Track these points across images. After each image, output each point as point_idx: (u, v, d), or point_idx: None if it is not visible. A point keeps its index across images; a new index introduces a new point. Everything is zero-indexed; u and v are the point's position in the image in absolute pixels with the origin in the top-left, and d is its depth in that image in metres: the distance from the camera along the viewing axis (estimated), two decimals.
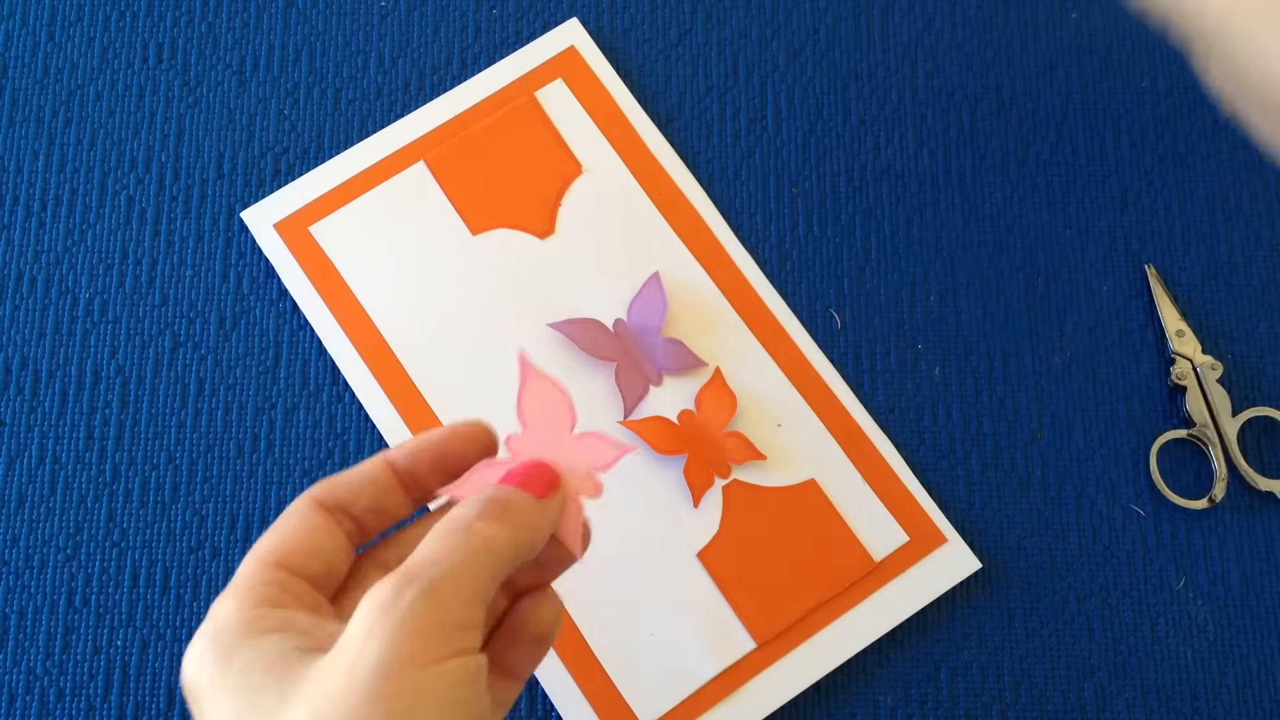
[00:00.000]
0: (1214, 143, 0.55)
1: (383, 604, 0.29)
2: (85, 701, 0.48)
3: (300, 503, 0.34)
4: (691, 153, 0.54)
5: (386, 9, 0.56)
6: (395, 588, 0.29)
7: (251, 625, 0.31)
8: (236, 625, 0.31)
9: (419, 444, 0.35)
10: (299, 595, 0.32)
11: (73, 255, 0.53)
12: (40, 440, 0.50)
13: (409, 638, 0.28)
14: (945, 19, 0.56)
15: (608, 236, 0.52)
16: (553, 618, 0.35)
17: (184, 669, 0.31)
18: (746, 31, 0.56)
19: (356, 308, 0.51)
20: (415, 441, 0.35)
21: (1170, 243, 0.53)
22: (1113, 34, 0.56)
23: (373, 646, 0.28)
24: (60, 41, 0.55)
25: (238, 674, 0.30)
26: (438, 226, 0.52)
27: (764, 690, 0.47)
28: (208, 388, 0.51)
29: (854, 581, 0.48)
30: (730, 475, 0.49)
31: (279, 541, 0.33)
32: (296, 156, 0.54)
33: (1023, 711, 0.48)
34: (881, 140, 0.54)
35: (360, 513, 0.34)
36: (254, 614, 0.31)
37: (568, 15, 0.55)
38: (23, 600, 0.49)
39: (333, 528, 0.34)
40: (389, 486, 0.34)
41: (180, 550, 0.49)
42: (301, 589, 0.32)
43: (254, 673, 0.29)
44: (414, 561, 0.30)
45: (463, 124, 0.54)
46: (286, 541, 0.33)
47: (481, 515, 0.31)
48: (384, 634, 0.28)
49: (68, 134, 0.54)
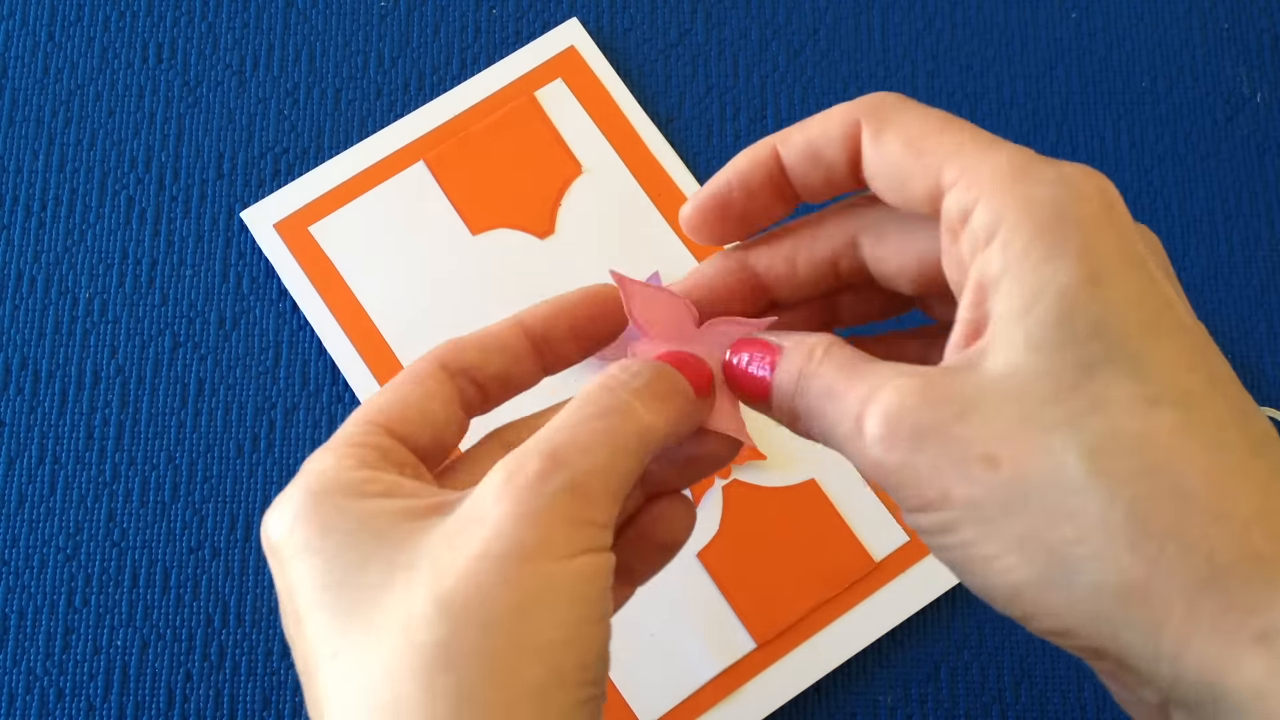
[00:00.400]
0: (1214, 143, 0.55)
1: (525, 484, 0.26)
2: (85, 701, 0.48)
3: (424, 364, 0.31)
4: (691, 153, 0.54)
5: (386, 9, 0.56)
6: (541, 469, 0.26)
7: (356, 487, 0.28)
8: (340, 485, 0.28)
9: (555, 305, 0.32)
10: (402, 464, 0.29)
11: (73, 255, 0.53)
12: (40, 440, 0.50)
13: (550, 526, 0.26)
14: (945, 19, 0.56)
15: (608, 236, 0.52)
16: (685, 524, 0.33)
17: (269, 525, 0.28)
18: (746, 31, 0.56)
19: (356, 308, 0.51)
20: (550, 303, 0.32)
21: (1170, 243, 0.53)
22: (1113, 34, 0.56)
23: (510, 528, 0.26)
24: (60, 41, 0.55)
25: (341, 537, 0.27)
26: (438, 226, 0.52)
27: (764, 690, 0.47)
28: (208, 388, 0.51)
29: (854, 581, 0.48)
30: (730, 475, 0.49)
31: (391, 405, 0.30)
32: (296, 156, 0.54)
33: (1023, 711, 0.48)
34: None
35: (486, 379, 0.31)
36: (359, 475, 0.28)
37: (568, 15, 0.55)
38: (23, 600, 0.49)
39: (450, 396, 0.31)
40: (521, 352, 0.31)
41: (180, 550, 0.49)
42: (406, 458, 0.29)
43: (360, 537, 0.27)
44: (562, 441, 0.27)
45: (463, 124, 0.54)
46: (398, 405, 0.30)
47: (643, 395, 0.28)
48: (524, 517, 0.26)
49: (68, 134, 0.54)
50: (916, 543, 0.49)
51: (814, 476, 0.49)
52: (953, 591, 0.49)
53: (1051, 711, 0.48)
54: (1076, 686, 0.48)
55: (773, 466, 0.50)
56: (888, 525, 0.49)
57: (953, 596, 0.49)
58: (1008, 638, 0.49)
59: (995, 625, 0.49)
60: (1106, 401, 0.24)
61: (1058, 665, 0.49)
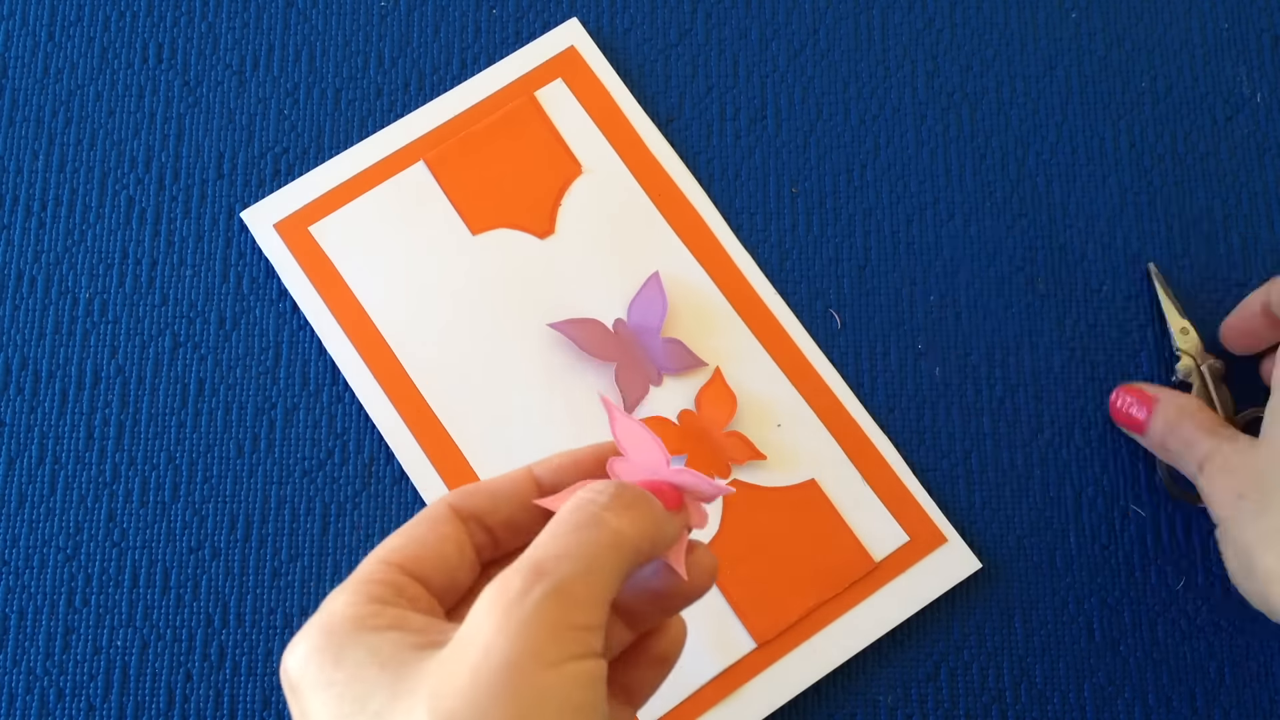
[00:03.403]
0: (1214, 143, 0.55)
1: (510, 599, 0.27)
2: (85, 701, 0.48)
3: (435, 508, 0.32)
4: (691, 153, 0.54)
5: (386, 9, 0.56)
6: (523, 582, 0.27)
7: (364, 621, 0.29)
8: (349, 620, 0.29)
9: (567, 459, 0.33)
10: (415, 599, 0.31)
11: (73, 255, 0.53)
12: (40, 440, 0.50)
13: (537, 635, 0.27)
14: (945, 19, 0.56)
15: (608, 236, 0.52)
16: (676, 637, 0.34)
17: (287, 661, 0.29)
18: (746, 31, 0.56)
19: (356, 308, 0.51)
20: (561, 457, 0.33)
21: (1170, 243, 0.53)
22: (1112, 34, 0.56)
23: (500, 641, 0.27)
24: (60, 41, 0.55)
25: (351, 669, 0.28)
26: (438, 226, 0.52)
27: (764, 690, 0.47)
28: (208, 388, 0.51)
29: (854, 581, 0.48)
30: (730, 475, 0.49)
31: (405, 545, 0.31)
32: (296, 156, 0.54)
33: (1023, 711, 0.48)
34: (881, 140, 0.54)
35: (496, 525, 0.33)
36: (367, 610, 0.29)
37: (568, 15, 0.55)
38: (23, 600, 0.49)
39: (463, 539, 0.32)
40: (530, 502, 0.33)
41: (180, 550, 0.49)
42: (419, 594, 0.31)
43: (367, 669, 0.28)
44: (540, 555, 0.28)
45: (463, 124, 0.54)
46: (413, 547, 0.31)
47: (610, 507, 0.30)
48: (512, 629, 0.27)
49: (68, 134, 0.54)
50: (916, 543, 0.49)
51: (814, 476, 0.49)
52: (953, 591, 0.49)
53: (1051, 711, 0.48)
54: (1076, 687, 0.48)
55: (773, 466, 0.50)
56: (888, 525, 0.49)
57: (952, 596, 0.49)
58: (1008, 638, 0.49)
59: (995, 625, 0.49)
60: None
61: (1058, 665, 0.49)
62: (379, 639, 0.29)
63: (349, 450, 0.50)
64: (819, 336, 0.52)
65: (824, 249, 0.53)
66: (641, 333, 0.51)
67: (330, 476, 0.50)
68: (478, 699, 0.26)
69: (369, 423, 0.51)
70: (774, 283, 0.52)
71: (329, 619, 0.29)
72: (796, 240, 0.53)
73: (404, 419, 0.50)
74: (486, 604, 0.27)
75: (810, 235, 0.53)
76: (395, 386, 0.50)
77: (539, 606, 0.27)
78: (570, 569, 0.28)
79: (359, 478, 0.50)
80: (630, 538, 0.30)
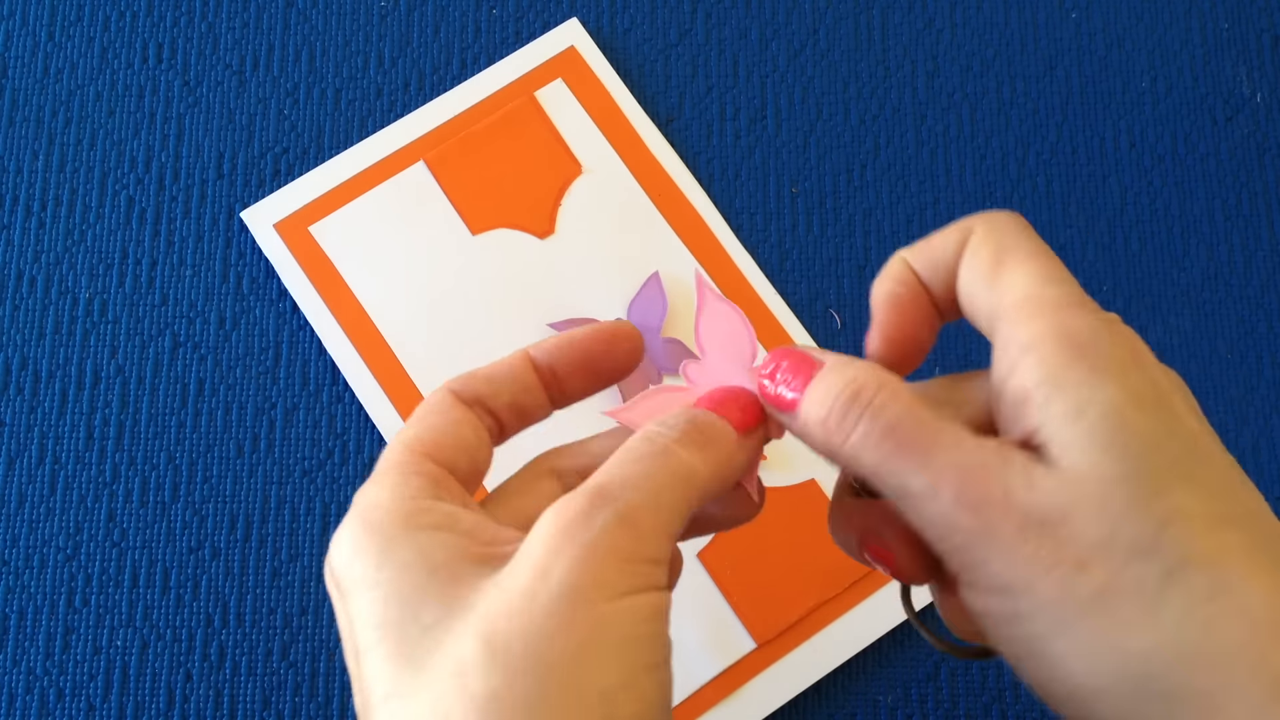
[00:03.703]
0: (1214, 143, 0.55)
1: (572, 522, 0.25)
2: (85, 701, 0.48)
3: (437, 396, 0.30)
4: (691, 153, 0.54)
5: (386, 9, 0.56)
6: (587, 506, 0.26)
7: (412, 518, 0.27)
8: (395, 516, 0.27)
9: (561, 341, 0.32)
10: (452, 492, 0.29)
11: (73, 255, 0.53)
12: (40, 440, 0.50)
13: (601, 564, 0.25)
14: (945, 19, 0.56)
15: (608, 236, 0.52)
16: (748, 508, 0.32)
17: (332, 557, 0.28)
18: (746, 31, 0.56)
19: (356, 308, 0.51)
20: (557, 339, 0.32)
21: (1170, 243, 0.53)
22: (1112, 34, 0.56)
23: (559, 568, 0.25)
24: (60, 41, 0.55)
25: (398, 571, 0.26)
26: (438, 226, 0.52)
27: (764, 690, 0.47)
28: (208, 388, 0.51)
29: (854, 581, 0.48)
30: None
31: (425, 434, 0.29)
32: (296, 156, 0.54)
33: (1023, 711, 0.48)
34: (881, 140, 0.54)
35: (500, 408, 0.31)
36: (413, 505, 0.27)
37: (568, 15, 0.55)
38: (23, 600, 0.49)
39: (475, 421, 0.30)
40: (530, 384, 0.31)
41: (180, 550, 0.49)
42: (454, 486, 0.29)
43: (417, 573, 0.26)
44: (607, 480, 0.27)
45: (463, 124, 0.54)
46: (433, 435, 0.29)
47: (683, 440, 0.28)
48: (573, 556, 0.25)
49: (68, 134, 0.54)
50: None
51: (814, 476, 0.49)
52: None
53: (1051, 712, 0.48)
54: None
55: (773, 466, 0.50)
56: None
57: None
58: None
59: None
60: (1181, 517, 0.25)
61: None
62: (429, 540, 0.27)
63: (349, 450, 0.50)
64: (819, 336, 0.52)
65: (824, 249, 0.53)
66: (642, 332, 0.51)
67: (330, 476, 0.50)
68: (531, 625, 0.24)
69: (369, 423, 0.51)
70: (774, 283, 0.52)
71: (372, 513, 0.27)
72: (796, 240, 0.53)
73: (404, 419, 0.50)
74: (547, 528, 0.26)
75: (810, 235, 0.53)
76: (395, 386, 0.50)
77: (604, 531, 0.25)
78: (637, 499, 0.26)
79: (359, 478, 0.50)
80: (701, 475, 0.28)
